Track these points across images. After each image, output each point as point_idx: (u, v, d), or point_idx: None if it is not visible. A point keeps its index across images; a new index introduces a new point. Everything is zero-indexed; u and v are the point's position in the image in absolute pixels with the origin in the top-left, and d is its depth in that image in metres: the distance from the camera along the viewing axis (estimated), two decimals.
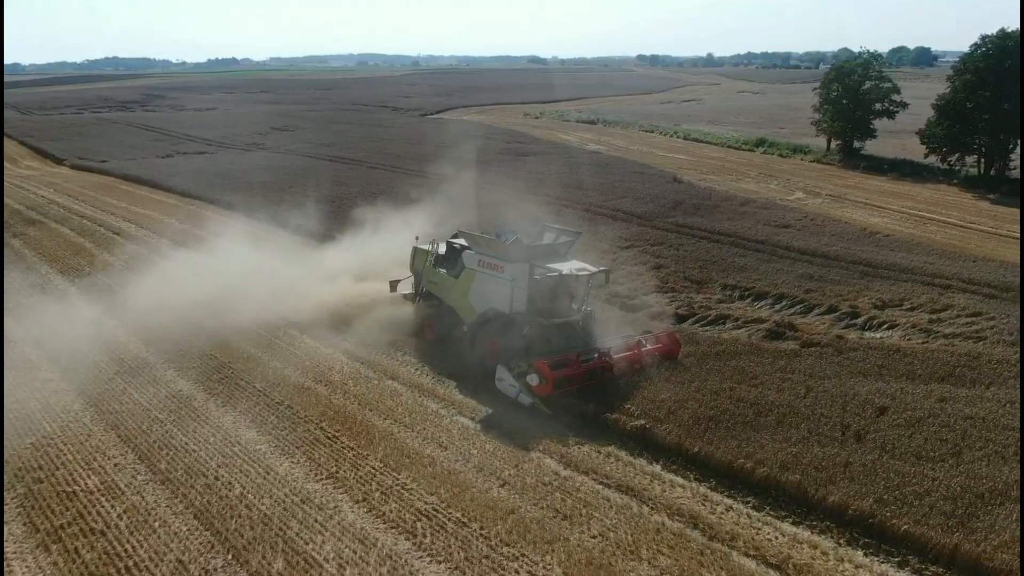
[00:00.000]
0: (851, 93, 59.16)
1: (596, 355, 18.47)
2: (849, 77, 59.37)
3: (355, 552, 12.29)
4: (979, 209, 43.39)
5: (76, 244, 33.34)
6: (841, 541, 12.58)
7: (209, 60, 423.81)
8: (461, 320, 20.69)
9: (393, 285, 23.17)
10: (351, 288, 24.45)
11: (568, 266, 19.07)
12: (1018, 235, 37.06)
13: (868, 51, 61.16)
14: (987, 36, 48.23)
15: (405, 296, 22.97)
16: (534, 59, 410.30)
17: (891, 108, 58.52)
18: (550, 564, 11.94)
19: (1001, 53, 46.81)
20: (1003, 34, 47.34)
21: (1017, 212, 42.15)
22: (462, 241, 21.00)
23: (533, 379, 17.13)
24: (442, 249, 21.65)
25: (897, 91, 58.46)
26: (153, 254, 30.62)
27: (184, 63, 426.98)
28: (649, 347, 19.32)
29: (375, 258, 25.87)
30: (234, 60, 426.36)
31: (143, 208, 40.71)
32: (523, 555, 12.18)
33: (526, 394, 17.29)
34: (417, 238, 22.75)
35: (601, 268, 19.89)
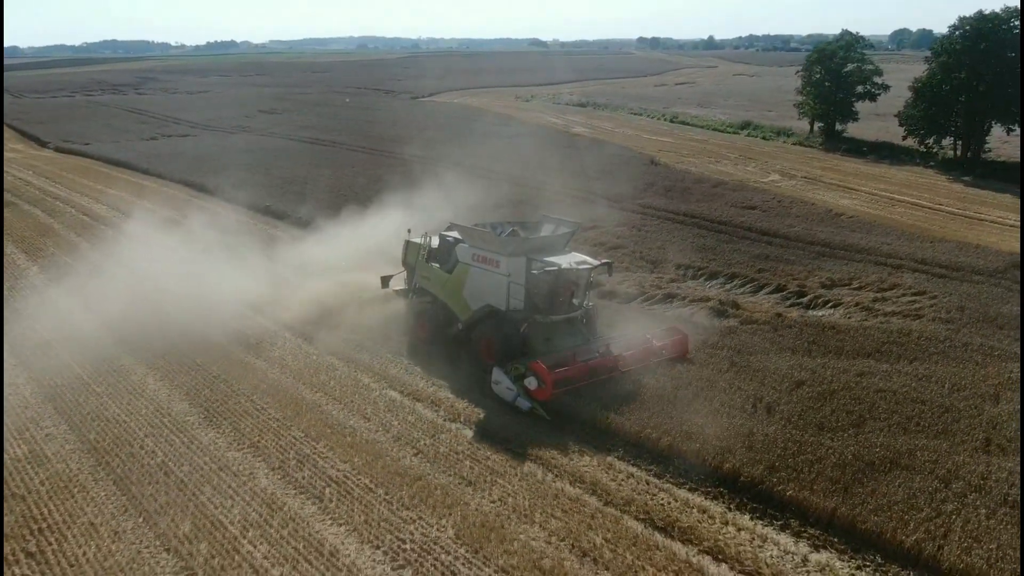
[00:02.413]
0: (833, 75, 59.08)
1: (598, 354, 17.47)
2: (831, 59, 59.26)
3: (260, 515, 12.78)
4: (951, 191, 43.51)
5: (45, 225, 33.78)
6: (731, 506, 13.03)
7: (208, 43, 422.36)
8: (456, 317, 19.64)
9: (385, 281, 22.02)
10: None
11: (567, 259, 18.14)
12: (986, 217, 37.29)
13: (851, 33, 61.01)
14: (965, 18, 48.10)
15: (397, 292, 21.85)
16: (535, 42, 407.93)
17: (873, 91, 58.44)
18: (444, 526, 12.41)
19: (977, 35, 46.69)
20: (980, 16, 47.19)
21: (988, 194, 42.31)
22: (456, 234, 19.97)
23: (531, 382, 16.10)
24: (435, 243, 20.58)
25: (879, 73, 58.34)
26: (119, 235, 30.98)
27: (183, 46, 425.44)
28: (656, 344, 18.35)
29: (328, 251, 25.52)
30: (233, 43, 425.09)
31: (117, 190, 41.04)
32: (421, 518, 12.66)
33: (524, 398, 16.23)
34: (409, 231, 21.55)
35: (603, 261, 18.87)
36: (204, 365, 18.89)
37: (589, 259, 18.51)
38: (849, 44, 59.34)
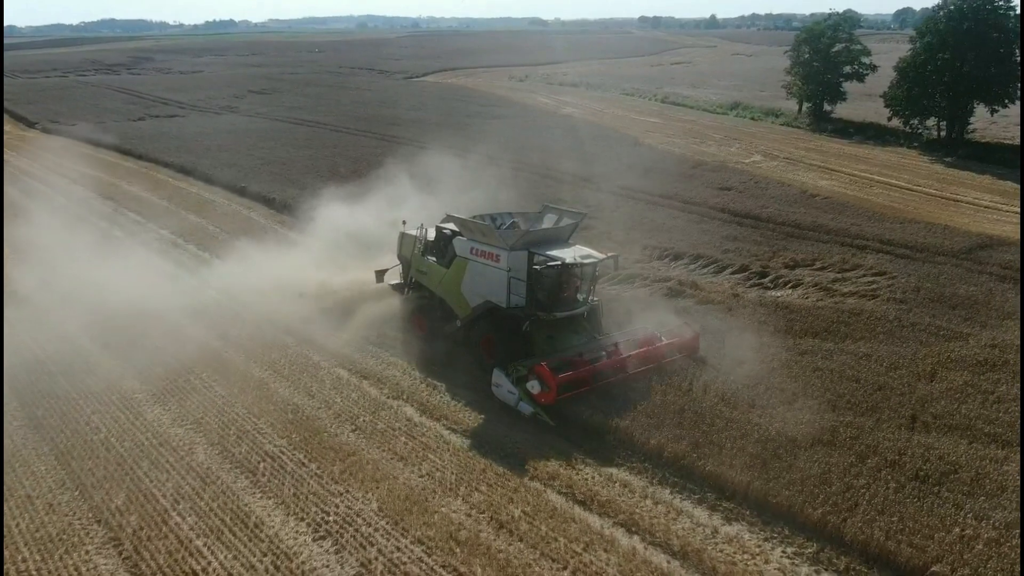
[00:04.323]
0: (821, 55, 58.71)
1: (606, 353, 16.78)
2: (819, 39, 58.86)
3: (193, 489, 13.13)
4: (931, 172, 43.42)
5: (20, 205, 33.97)
6: (652, 480, 13.34)
7: (207, 23, 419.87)
8: (454, 314, 18.83)
9: (379, 275, 21.14)
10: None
11: (571, 253, 17.22)
12: (962, 198, 37.28)
13: (843, 11, 60.56)
14: None
15: (393, 287, 21.06)
16: (536, 21, 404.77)
17: (861, 71, 58.11)
18: (369, 500, 12.75)
19: (961, 15, 46.36)
20: None
21: (968, 175, 42.24)
22: (452, 226, 19.09)
23: (534, 386, 15.38)
24: (431, 235, 19.83)
25: (867, 53, 57.99)
26: (91, 215, 31.26)
27: (181, 25, 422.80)
28: (666, 342, 17.59)
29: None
30: (231, 23, 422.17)
31: (96, 170, 41.20)
32: (348, 492, 13.00)
33: (527, 402, 15.52)
34: (404, 223, 20.75)
35: (609, 254, 18.07)
36: (162, 346, 19.08)
37: (594, 252, 17.58)
38: (837, 24, 58.93)
